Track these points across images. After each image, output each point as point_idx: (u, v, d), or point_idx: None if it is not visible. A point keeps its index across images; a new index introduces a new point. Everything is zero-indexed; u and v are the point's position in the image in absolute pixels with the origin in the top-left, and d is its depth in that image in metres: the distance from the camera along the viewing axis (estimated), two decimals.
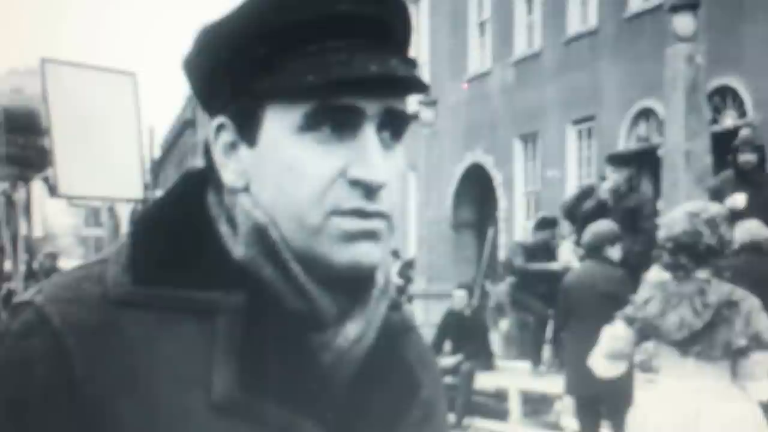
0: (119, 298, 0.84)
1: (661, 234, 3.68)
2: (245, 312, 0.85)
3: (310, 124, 0.84)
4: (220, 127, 0.90)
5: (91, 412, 0.81)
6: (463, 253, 18.66)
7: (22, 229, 7.81)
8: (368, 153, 0.85)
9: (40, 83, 6.12)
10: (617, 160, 8.23)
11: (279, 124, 0.85)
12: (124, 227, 10.27)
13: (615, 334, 3.77)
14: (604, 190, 8.07)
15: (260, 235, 0.87)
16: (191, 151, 42.75)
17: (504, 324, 10.52)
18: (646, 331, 3.64)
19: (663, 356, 3.62)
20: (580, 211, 8.16)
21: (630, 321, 3.71)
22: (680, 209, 3.72)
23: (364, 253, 0.86)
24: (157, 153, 39.13)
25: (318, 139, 0.84)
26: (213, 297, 0.85)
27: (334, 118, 0.84)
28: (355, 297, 0.90)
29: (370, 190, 0.85)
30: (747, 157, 6.89)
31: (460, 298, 9.95)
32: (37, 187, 8.20)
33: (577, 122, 17.69)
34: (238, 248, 0.88)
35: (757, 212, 6.57)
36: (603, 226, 6.08)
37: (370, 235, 0.86)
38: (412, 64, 0.89)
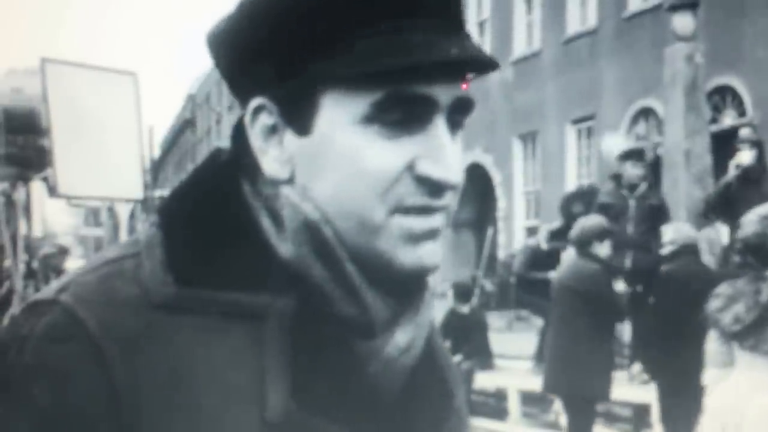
0: (162, 302, 0.76)
1: (737, 234, 3.93)
2: (294, 317, 0.77)
3: (377, 115, 0.75)
4: (258, 109, 0.80)
5: (132, 426, 0.73)
6: (462, 253, 18.65)
7: (22, 229, 7.81)
8: (440, 148, 0.76)
9: (40, 83, 6.11)
10: (637, 154, 7.71)
11: (339, 111, 0.76)
12: (124, 227, 10.22)
13: (708, 342, 3.98)
14: (607, 193, 7.61)
15: (311, 233, 0.78)
16: (191, 150, 42.74)
17: None
18: (711, 324, 3.86)
19: (734, 350, 3.81)
20: (573, 209, 8.03)
21: (704, 319, 3.92)
22: (754, 212, 3.92)
23: (428, 253, 0.79)
24: (157, 153, 39.16)
25: (385, 132, 0.76)
26: (261, 300, 0.77)
27: (404, 109, 0.75)
28: (407, 300, 0.83)
29: (438, 188, 0.77)
30: (746, 155, 6.85)
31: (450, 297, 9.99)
32: (37, 187, 8.21)
33: (576, 122, 17.70)
34: (285, 246, 0.79)
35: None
36: (592, 221, 6.00)
37: (434, 234, 0.79)
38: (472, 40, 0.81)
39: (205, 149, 38.37)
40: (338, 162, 0.77)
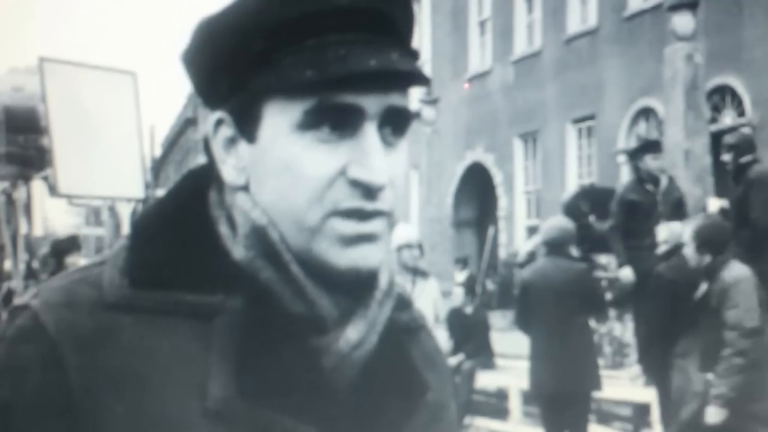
0: (115, 302, 0.82)
1: None
2: (243, 315, 0.83)
3: (309, 122, 0.81)
4: (219, 122, 0.87)
5: (85, 419, 0.79)
6: (464, 252, 18.66)
7: (23, 228, 7.82)
8: (369, 153, 0.82)
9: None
10: (653, 146, 7.36)
11: (278, 120, 0.82)
12: (125, 227, 10.19)
13: None
14: (630, 189, 7.23)
15: (259, 237, 0.84)
16: (193, 149, 42.76)
17: None
18: None
19: None
20: (582, 208, 8.00)
21: None
22: None
23: (362, 256, 0.83)
24: (158, 152, 39.13)
25: (318, 138, 0.82)
26: (211, 300, 0.83)
27: (333, 117, 0.81)
28: (357, 299, 0.87)
29: (369, 191, 0.82)
30: (724, 158, 6.80)
31: (458, 295, 9.97)
32: (38, 186, 8.21)
33: (577, 121, 17.70)
34: (238, 249, 0.85)
35: (733, 210, 6.58)
36: (566, 222, 6.02)
37: (369, 238, 0.84)
38: (413, 56, 0.86)
39: None
40: (278, 167, 0.83)
